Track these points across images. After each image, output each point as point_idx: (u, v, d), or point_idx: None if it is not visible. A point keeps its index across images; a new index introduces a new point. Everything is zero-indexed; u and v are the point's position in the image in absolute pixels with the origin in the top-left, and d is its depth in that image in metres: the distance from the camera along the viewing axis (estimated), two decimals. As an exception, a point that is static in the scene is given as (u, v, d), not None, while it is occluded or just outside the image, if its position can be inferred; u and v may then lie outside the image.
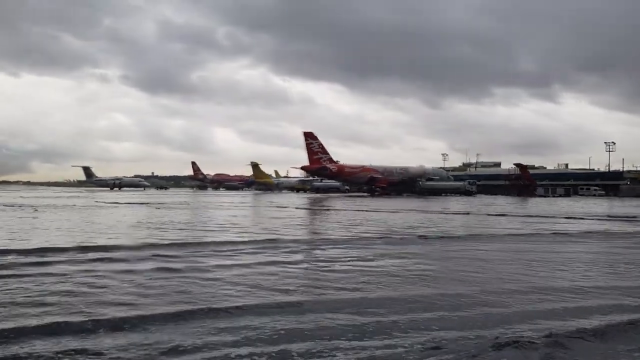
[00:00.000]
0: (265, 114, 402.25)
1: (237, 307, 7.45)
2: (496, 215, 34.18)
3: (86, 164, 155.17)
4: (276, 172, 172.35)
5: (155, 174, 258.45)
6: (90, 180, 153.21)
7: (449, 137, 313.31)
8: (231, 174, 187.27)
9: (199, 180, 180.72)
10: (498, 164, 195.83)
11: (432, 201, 65.69)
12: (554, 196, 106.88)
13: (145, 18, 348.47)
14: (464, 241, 17.58)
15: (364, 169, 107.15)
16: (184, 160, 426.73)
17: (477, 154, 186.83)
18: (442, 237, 18.77)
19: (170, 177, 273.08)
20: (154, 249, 13.99)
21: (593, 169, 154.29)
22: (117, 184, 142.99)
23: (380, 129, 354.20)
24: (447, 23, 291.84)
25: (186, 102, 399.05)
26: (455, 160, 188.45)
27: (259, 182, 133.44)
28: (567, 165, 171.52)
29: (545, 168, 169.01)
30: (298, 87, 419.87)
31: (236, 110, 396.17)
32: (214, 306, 7.48)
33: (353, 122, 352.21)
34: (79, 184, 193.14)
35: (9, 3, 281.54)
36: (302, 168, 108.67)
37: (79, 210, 34.29)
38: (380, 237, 18.31)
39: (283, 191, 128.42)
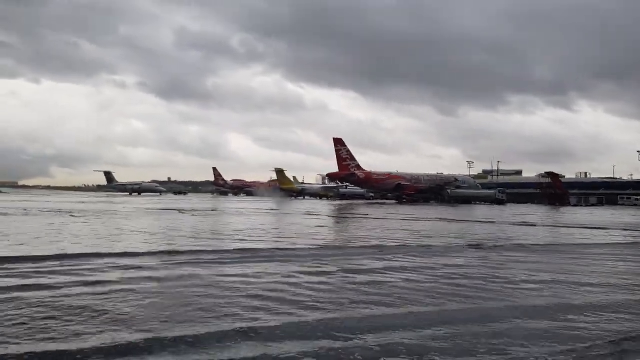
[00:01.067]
0: (280, 120, 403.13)
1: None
2: (565, 227, 32.42)
3: (105, 169, 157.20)
4: (294, 178, 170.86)
5: (171, 179, 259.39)
6: (111, 185, 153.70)
7: (464, 144, 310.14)
8: (247, 180, 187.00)
9: (219, 186, 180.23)
10: (519, 172, 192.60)
11: (471, 210, 63.73)
12: (586, 206, 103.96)
13: (161, 26, 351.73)
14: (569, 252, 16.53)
15: (391, 176, 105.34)
16: (200, 165, 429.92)
17: (499, 162, 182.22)
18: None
19: (187, 182, 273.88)
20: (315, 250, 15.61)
21: (616, 178, 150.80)
22: (135, 189, 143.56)
23: (395, 136, 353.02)
24: (461, 30, 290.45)
25: (202, 108, 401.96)
26: (474, 168, 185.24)
27: (283, 188, 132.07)
28: (587, 174, 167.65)
29: (564, 177, 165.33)
30: (312, 94, 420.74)
31: (251, 117, 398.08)
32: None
33: (367, 128, 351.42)
34: (98, 188, 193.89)
35: (29, 10, 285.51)
36: (329, 175, 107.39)
37: (136, 217, 33.13)
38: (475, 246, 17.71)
39: (306, 197, 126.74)
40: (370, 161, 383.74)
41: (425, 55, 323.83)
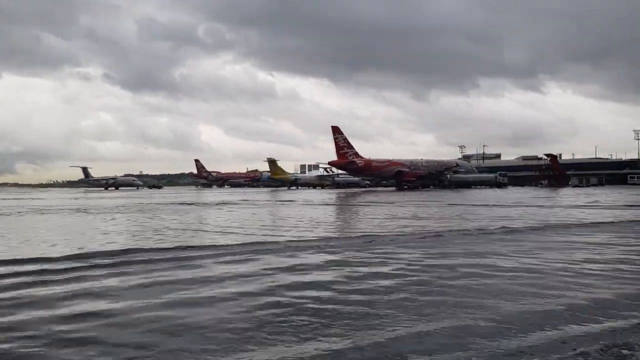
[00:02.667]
0: (251, 109, 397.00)
1: None
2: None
3: (75, 164, 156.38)
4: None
5: (143, 173, 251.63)
6: (85, 180, 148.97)
7: (438, 129, 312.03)
8: (222, 171, 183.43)
9: (202, 178, 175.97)
10: (498, 155, 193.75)
11: (481, 194, 61.83)
12: (587, 186, 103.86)
13: (126, 16, 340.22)
14: None
15: (390, 163, 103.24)
16: (173, 158, 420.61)
17: (484, 146, 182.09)
18: None
19: (162, 175, 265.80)
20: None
21: (605, 158, 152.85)
22: (111, 184, 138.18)
23: (370, 122, 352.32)
24: (433, 15, 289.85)
25: (171, 99, 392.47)
26: (449, 153, 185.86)
27: (275, 178, 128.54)
28: (560, 155, 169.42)
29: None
30: (285, 82, 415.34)
31: (222, 107, 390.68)
32: None
33: (341, 116, 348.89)
34: (68, 184, 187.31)
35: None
36: (330, 163, 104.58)
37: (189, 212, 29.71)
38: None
39: (299, 188, 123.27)
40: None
41: (397, 41, 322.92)
